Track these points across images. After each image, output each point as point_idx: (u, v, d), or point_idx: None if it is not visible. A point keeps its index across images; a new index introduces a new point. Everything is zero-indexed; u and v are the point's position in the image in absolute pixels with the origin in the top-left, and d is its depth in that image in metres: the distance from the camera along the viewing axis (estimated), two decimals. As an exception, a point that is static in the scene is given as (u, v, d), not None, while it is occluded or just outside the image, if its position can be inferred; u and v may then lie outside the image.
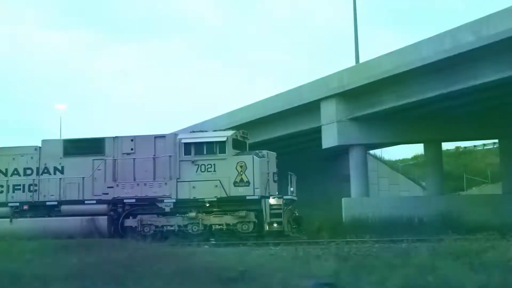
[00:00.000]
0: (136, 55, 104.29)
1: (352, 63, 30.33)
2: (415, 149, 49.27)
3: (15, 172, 19.97)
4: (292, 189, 19.16)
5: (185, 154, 18.79)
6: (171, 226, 18.68)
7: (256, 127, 32.50)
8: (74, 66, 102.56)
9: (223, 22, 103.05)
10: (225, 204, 18.61)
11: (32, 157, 19.98)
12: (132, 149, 19.44)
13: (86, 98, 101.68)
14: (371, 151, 40.46)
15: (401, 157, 50.71)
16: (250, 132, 33.26)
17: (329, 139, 27.81)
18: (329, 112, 27.44)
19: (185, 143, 18.88)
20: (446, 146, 47.82)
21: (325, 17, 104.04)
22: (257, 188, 18.31)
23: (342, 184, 36.08)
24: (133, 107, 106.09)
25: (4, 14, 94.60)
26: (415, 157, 49.50)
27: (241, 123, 32.93)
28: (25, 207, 19.58)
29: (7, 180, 19.81)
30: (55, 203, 19.41)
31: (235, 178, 18.50)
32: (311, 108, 28.53)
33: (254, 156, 18.62)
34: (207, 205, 18.64)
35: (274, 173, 18.98)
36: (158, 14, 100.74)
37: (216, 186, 18.48)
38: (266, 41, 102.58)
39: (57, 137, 29.48)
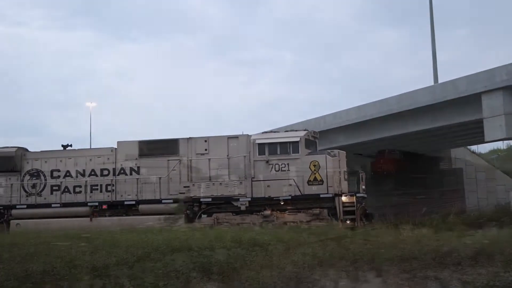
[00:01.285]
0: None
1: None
2: (492, 144, 48.02)
3: (92, 172, 20.76)
4: (363, 187, 19.69)
5: (259, 154, 19.41)
6: (246, 224, 19.30)
7: (386, 122, 32.85)
8: (77, 65, 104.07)
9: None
10: (299, 202, 19.22)
11: (108, 158, 20.76)
12: (206, 150, 20.11)
13: (84, 98, 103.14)
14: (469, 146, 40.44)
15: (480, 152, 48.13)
16: (376, 128, 33.57)
17: (495, 132, 27.87)
18: (494, 105, 27.42)
19: (259, 144, 19.49)
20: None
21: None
22: (331, 186, 18.88)
23: (443, 178, 36.80)
24: (133, 108, 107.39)
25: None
26: (494, 152, 48.25)
27: (370, 118, 33.27)
28: (104, 206, 20.35)
29: (86, 181, 20.59)
30: (133, 202, 20.15)
31: (309, 177, 19.09)
32: (461, 102, 28.77)
33: (327, 156, 19.18)
34: (282, 203, 19.25)
35: (345, 171, 19.54)
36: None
37: (290, 184, 19.09)
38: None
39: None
